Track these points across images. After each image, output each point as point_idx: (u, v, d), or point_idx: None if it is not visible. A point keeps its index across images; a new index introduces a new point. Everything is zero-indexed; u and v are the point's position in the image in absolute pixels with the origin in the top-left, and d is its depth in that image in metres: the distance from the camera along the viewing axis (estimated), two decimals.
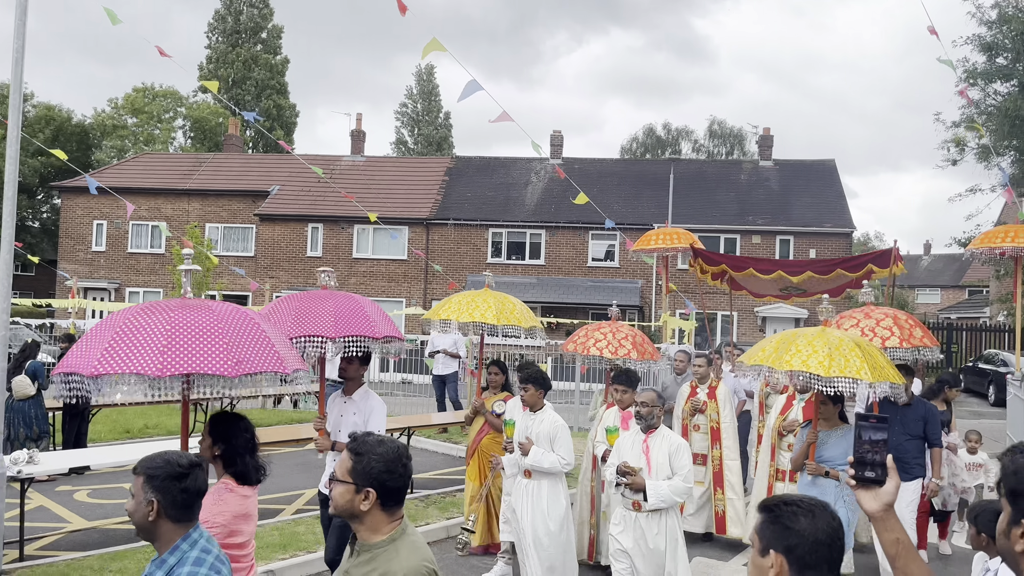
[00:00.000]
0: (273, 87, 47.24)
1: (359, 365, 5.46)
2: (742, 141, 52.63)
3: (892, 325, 6.21)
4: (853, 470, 2.06)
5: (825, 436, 5.77)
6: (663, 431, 5.34)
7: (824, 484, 5.67)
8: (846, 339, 5.19)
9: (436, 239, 30.53)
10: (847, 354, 5.04)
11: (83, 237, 32.91)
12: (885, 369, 5.15)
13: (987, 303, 38.09)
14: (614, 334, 7.34)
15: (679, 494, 5.17)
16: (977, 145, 18.37)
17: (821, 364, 5.02)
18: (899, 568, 2.04)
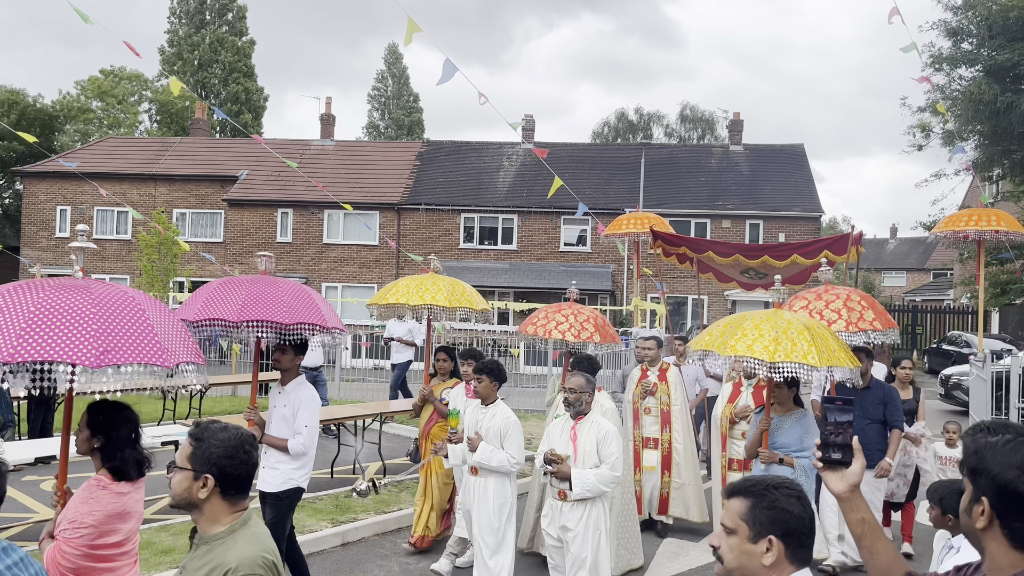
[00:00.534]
0: (240, 70, 46.45)
1: (293, 355, 5.25)
2: (713, 126, 52.89)
3: (841, 307, 5.98)
4: (820, 452, 2.10)
5: (779, 422, 5.60)
6: (593, 418, 5.12)
7: (779, 472, 5.43)
8: (795, 322, 4.99)
9: (407, 224, 30.38)
10: (795, 338, 4.84)
11: (46, 223, 32.27)
12: (836, 353, 4.97)
13: (951, 286, 38.82)
14: (575, 316, 7.11)
15: (606, 483, 4.93)
16: (942, 130, 18.66)
17: (766, 349, 4.81)
18: (865, 547, 2.10)
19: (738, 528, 2.06)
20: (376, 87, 53.28)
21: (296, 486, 5.25)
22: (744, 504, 2.07)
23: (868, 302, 6.18)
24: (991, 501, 1.74)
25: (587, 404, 5.13)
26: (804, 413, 5.59)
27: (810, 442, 5.38)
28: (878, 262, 57.47)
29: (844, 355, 5.03)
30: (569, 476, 4.88)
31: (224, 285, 4.95)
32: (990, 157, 18.79)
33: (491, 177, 31.83)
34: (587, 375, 5.26)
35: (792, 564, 2.03)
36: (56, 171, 31.67)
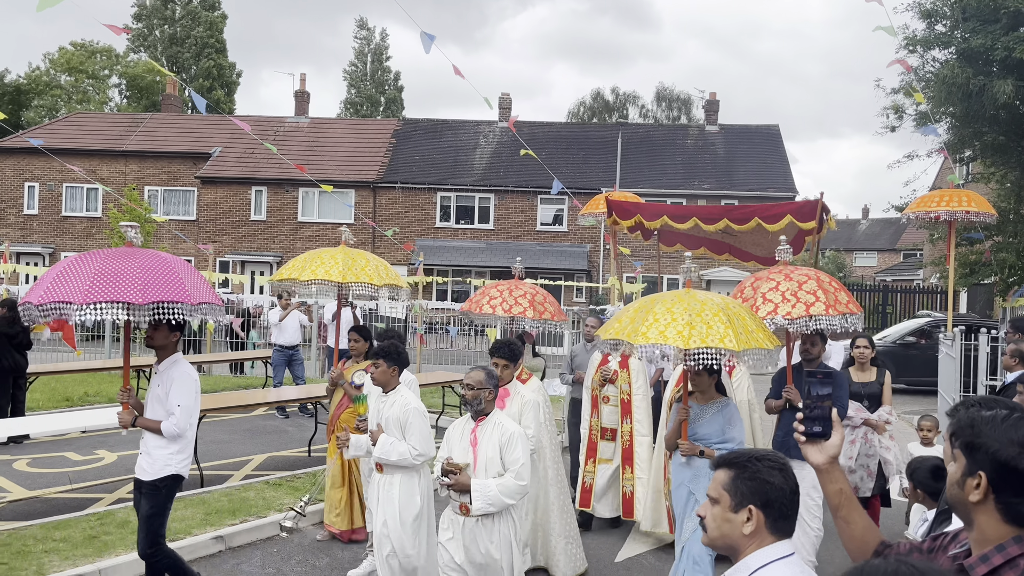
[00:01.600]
0: (212, 45, 45.65)
1: (167, 332, 4.86)
2: (689, 106, 52.99)
3: (816, 289, 5.52)
4: (803, 426, 2.15)
5: (699, 411, 5.14)
6: (496, 418, 4.48)
7: (699, 466, 5.04)
8: (710, 303, 4.58)
9: (383, 203, 30.19)
10: (710, 320, 4.43)
11: (14, 200, 31.65)
12: (754, 334, 4.54)
13: (921, 266, 39.39)
14: (511, 291, 6.80)
15: (510, 494, 4.29)
16: (915, 112, 18.84)
17: (680, 335, 4.38)
18: (842, 517, 2.15)
19: (721, 498, 2.12)
20: (352, 63, 52.66)
21: (173, 473, 4.85)
22: (728, 475, 2.13)
23: (837, 283, 5.80)
24: (989, 476, 1.77)
25: (487, 403, 4.46)
26: (726, 402, 5.17)
27: (733, 433, 5.03)
28: (850, 242, 58.15)
29: (763, 335, 4.64)
30: (468, 488, 4.26)
31: (76, 263, 4.53)
32: (961, 139, 19.00)
33: (467, 156, 31.68)
34: (489, 369, 4.59)
35: (772, 534, 2.07)
36: (24, 147, 31.01)
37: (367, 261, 6.62)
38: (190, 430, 4.94)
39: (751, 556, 2.07)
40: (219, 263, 29.50)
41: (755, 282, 5.71)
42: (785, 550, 2.08)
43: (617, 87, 60.54)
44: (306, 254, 6.74)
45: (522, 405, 5.40)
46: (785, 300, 5.45)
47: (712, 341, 4.33)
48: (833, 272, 44.54)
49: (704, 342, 4.33)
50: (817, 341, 6.08)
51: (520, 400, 5.43)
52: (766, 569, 2.04)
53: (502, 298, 6.78)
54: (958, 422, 1.87)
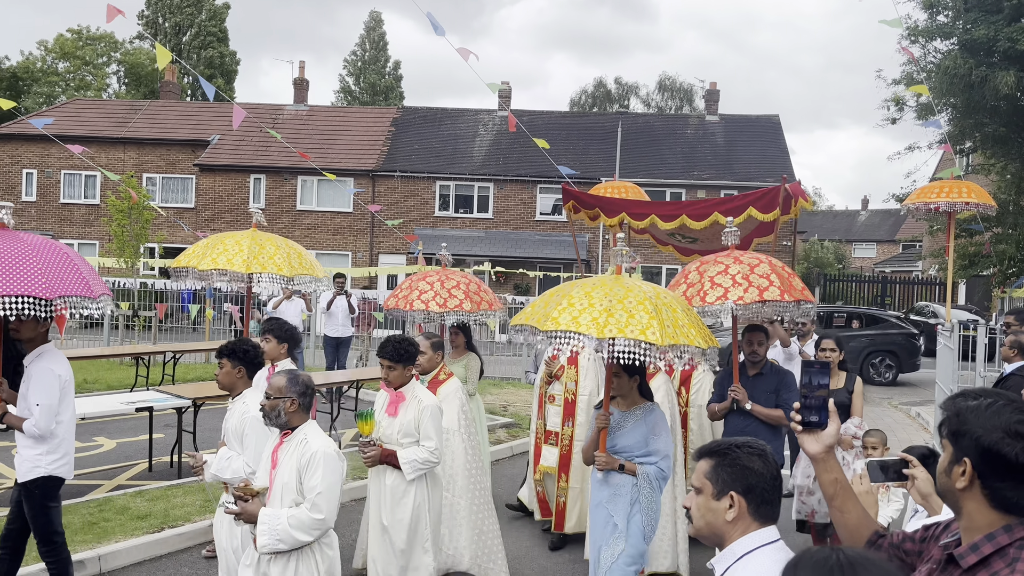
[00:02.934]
0: (215, 34, 45.54)
1: (35, 323, 4.44)
2: (691, 96, 52.86)
3: (769, 272, 4.97)
4: (799, 415, 2.17)
5: (620, 419, 4.48)
6: (304, 432, 3.67)
7: (619, 483, 4.38)
8: (636, 290, 4.04)
9: (382, 191, 30.13)
10: (632, 308, 3.85)
11: (12, 187, 31.56)
12: (684, 329, 3.96)
13: (920, 257, 39.40)
14: (442, 283, 6.17)
15: (303, 529, 3.46)
16: (916, 103, 18.83)
17: (595, 322, 3.80)
18: (836, 507, 2.17)
19: (704, 487, 2.15)
20: (353, 51, 52.45)
21: (44, 475, 4.46)
22: (709, 463, 2.15)
23: (789, 270, 5.28)
24: (973, 462, 1.80)
25: (290, 414, 3.66)
26: (650, 408, 4.51)
27: (658, 444, 4.38)
28: (849, 233, 58.15)
29: (696, 332, 4.03)
30: (256, 519, 3.51)
31: None
32: (962, 130, 19.01)
33: (467, 144, 31.61)
34: (293, 373, 3.79)
35: (756, 520, 2.09)
36: (22, 133, 30.91)
37: (276, 248, 6.00)
38: (60, 429, 4.52)
39: (737, 543, 2.09)
40: None
41: (701, 266, 5.20)
42: (771, 536, 2.09)
43: (620, 76, 60.42)
44: (210, 238, 6.11)
45: (419, 412, 4.65)
46: (736, 284, 4.98)
47: (632, 332, 3.74)
48: (832, 263, 44.50)
49: (622, 331, 3.75)
50: (763, 339, 5.59)
51: (417, 406, 4.68)
52: (753, 555, 2.06)
53: (434, 292, 6.08)
54: (945, 413, 1.90)
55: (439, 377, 5.47)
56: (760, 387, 5.52)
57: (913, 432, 12.10)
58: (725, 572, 2.07)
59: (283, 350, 5.20)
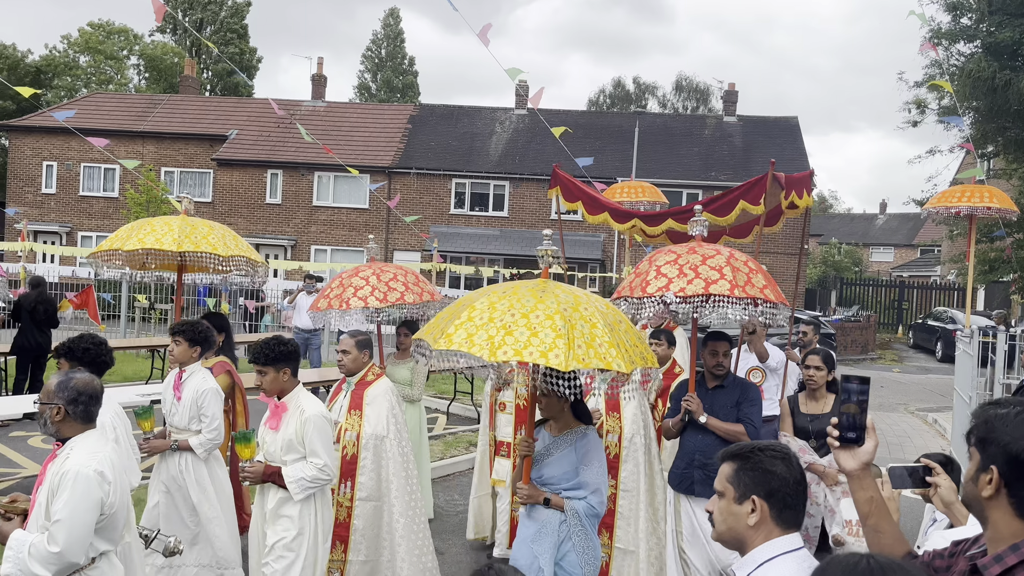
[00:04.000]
0: (236, 31, 45.87)
1: None
2: (707, 97, 52.65)
3: (723, 265, 4.43)
4: (836, 431, 2.13)
5: (550, 445, 3.94)
6: (71, 446, 3.15)
7: (545, 519, 3.82)
8: (550, 300, 3.43)
9: (398, 188, 30.18)
10: (537, 325, 3.30)
11: (32, 179, 31.86)
12: (602, 349, 3.33)
13: (938, 262, 39.05)
14: (378, 276, 5.70)
15: (40, 562, 2.92)
16: (938, 106, 18.66)
17: (490, 341, 3.25)
18: (871, 526, 2.12)
19: (726, 491, 2.13)
20: (370, 48, 52.58)
21: None
22: (731, 467, 2.13)
23: (757, 267, 4.68)
24: (1000, 470, 1.77)
25: (57, 424, 3.17)
26: (583, 433, 3.90)
27: (588, 475, 3.81)
28: (866, 237, 57.71)
29: (619, 353, 3.36)
30: None
31: None
32: (984, 134, 18.81)
33: (483, 142, 31.60)
34: (65, 377, 3.25)
35: (779, 526, 2.06)
36: (42, 126, 31.19)
37: (209, 229, 5.59)
38: None
39: (758, 549, 2.06)
40: None
41: (655, 255, 4.76)
42: (794, 543, 2.06)
43: (639, 76, 60.27)
44: (138, 221, 5.70)
45: (301, 424, 4.14)
46: (682, 274, 4.43)
47: (531, 354, 3.18)
48: (848, 267, 44.13)
49: (518, 353, 3.20)
50: (727, 348, 4.96)
51: (299, 417, 4.16)
52: (774, 562, 2.02)
53: (371, 287, 5.64)
54: (974, 421, 1.87)
55: (367, 378, 4.97)
56: (720, 400, 4.89)
57: (930, 438, 11.98)
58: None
59: (194, 353, 4.80)
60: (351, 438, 4.86)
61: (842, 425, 2.14)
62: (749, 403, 4.86)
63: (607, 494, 3.99)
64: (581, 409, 3.99)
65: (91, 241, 30.94)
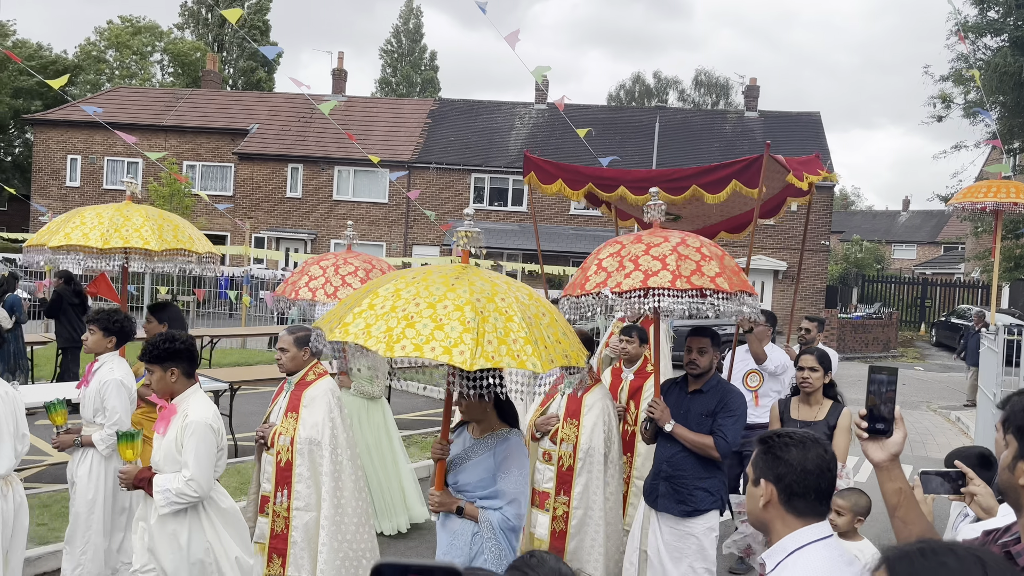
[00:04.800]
0: (258, 27, 46.18)
1: None
2: (728, 92, 52.30)
3: (667, 253, 3.95)
4: (865, 423, 2.12)
5: (468, 450, 3.54)
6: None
7: (458, 530, 3.46)
8: (462, 289, 3.02)
9: (417, 183, 30.24)
10: (444, 317, 2.90)
11: (57, 172, 32.25)
12: (517, 345, 2.92)
13: (962, 259, 38.60)
14: (336, 269, 5.35)
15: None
16: (964, 101, 18.42)
17: (388, 334, 2.85)
18: (899, 517, 2.11)
19: (750, 474, 2.19)
20: (389, 42, 52.68)
21: None
22: (757, 450, 2.19)
23: (712, 252, 4.13)
24: None
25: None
26: (504, 436, 3.50)
27: (505, 483, 3.40)
28: (889, 234, 57.14)
29: (534, 350, 2.95)
30: None
31: None
32: (1011, 129, 18.57)
33: (503, 137, 31.59)
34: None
35: (791, 514, 2.06)
36: (67, 120, 31.55)
37: (144, 219, 5.01)
38: None
39: (787, 538, 2.05)
40: (255, 239, 29.84)
41: (602, 247, 4.34)
42: (823, 531, 2.05)
43: (659, 71, 60.02)
44: (71, 211, 5.21)
45: (181, 431, 3.79)
46: (621, 268, 4.00)
47: (432, 350, 2.79)
48: (870, 264, 43.70)
49: (418, 349, 2.80)
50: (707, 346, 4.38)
51: (181, 423, 3.82)
52: (804, 551, 2.02)
53: (325, 278, 5.34)
54: (1011, 408, 1.85)
55: (307, 378, 4.57)
56: (696, 407, 4.36)
57: (952, 436, 11.86)
58: (776, 567, 2.04)
59: (109, 344, 4.60)
60: (285, 443, 4.43)
61: (870, 416, 2.13)
62: (726, 413, 4.31)
63: (527, 507, 3.53)
64: (507, 410, 3.56)
65: None
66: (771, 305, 28.73)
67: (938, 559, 1.35)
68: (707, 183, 5.66)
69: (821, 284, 28.76)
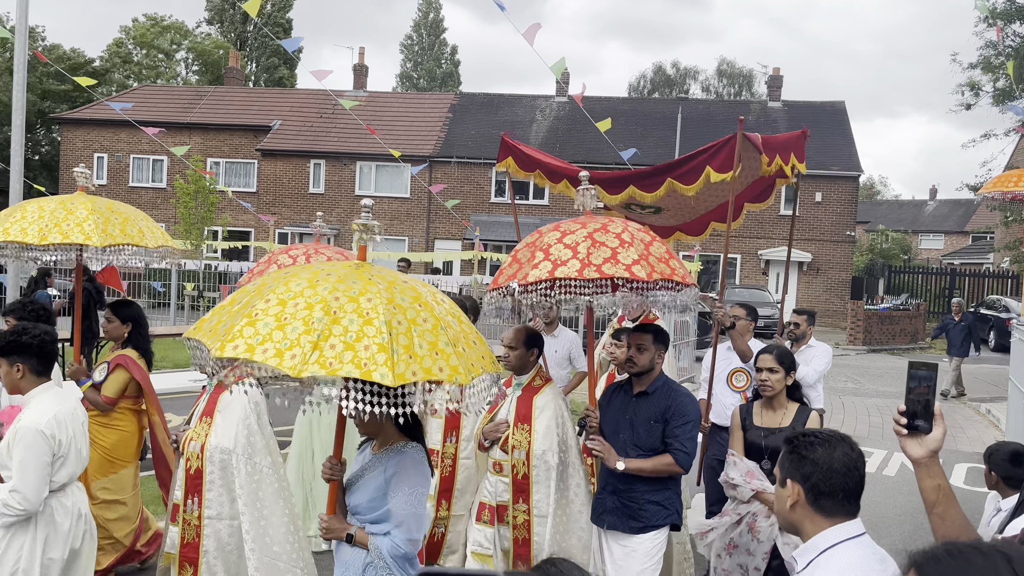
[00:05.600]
0: (281, 24, 46.49)
1: None
2: (751, 82, 51.83)
3: (579, 241, 3.59)
4: (905, 419, 2.10)
5: (364, 467, 3.12)
6: None
7: (348, 560, 3.04)
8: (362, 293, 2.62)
9: (439, 177, 30.30)
10: (295, 315, 2.52)
11: None
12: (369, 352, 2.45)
13: (991, 249, 38.00)
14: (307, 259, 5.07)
15: None
16: (993, 88, 18.10)
17: (272, 343, 2.45)
18: (937, 514, 2.09)
19: (777, 475, 2.21)
20: (409, 36, 52.76)
21: None
22: (783, 450, 2.20)
23: (637, 238, 3.68)
24: None
25: None
26: (400, 450, 3.07)
27: (396, 504, 2.95)
28: (915, 224, 56.41)
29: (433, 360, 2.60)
30: None
31: None
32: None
33: (524, 131, 31.54)
34: None
35: (819, 513, 2.06)
36: (93, 118, 31.94)
37: (89, 212, 4.64)
38: None
39: (819, 536, 2.06)
40: (278, 235, 30.07)
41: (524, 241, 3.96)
42: (855, 529, 2.06)
43: (678, 61, 59.58)
44: (15, 205, 4.97)
45: (12, 435, 3.44)
46: (531, 260, 3.65)
47: (264, 352, 2.42)
48: (897, 255, 43.15)
49: (251, 351, 2.42)
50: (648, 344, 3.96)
51: (14, 427, 3.47)
52: (836, 549, 2.02)
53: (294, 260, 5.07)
54: None
55: None
56: (643, 413, 3.94)
57: (983, 429, 11.70)
58: (807, 566, 2.03)
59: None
60: (195, 449, 4.15)
61: (909, 412, 2.11)
62: (679, 420, 3.86)
63: (426, 529, 3.06)
64: (411, 423, 3.12)
65: None
66: (795, 297, 28.48)
67: (965, 558, 1.39)
68: (681, 174, 5.34)
69: (847, 275, 28.46)
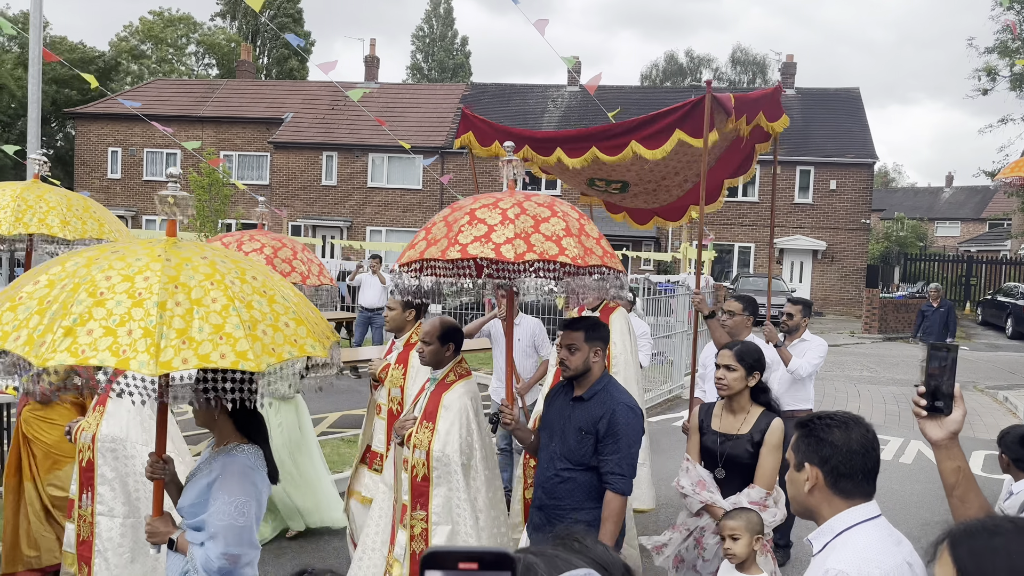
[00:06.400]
0: (291, 16, 46.55)
1: None
2: (764, 69, 51.45)
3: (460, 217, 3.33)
4: (924, 400, 2.07)
5: (200, 465, 2.88)
6: None
7: (171, 567, 2.84)
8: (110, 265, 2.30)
9: (451, 168, 30.27)
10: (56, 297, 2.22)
11: (98, 164, 32.87)
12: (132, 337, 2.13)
13: (1008, 236, 37.62)
14: (239, 246, 4.84)
15: None
16: (1011, 73, 17.87)
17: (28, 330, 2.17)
18: (957, 496, 2.08)
19: (791, 458, 2.19)
20: (420, 28, 52.67)
21: None
22: (796, 435, 2.19)
23: (532, 213, 3.33)
24: None
25: None
26: (230, 451, 2.80)
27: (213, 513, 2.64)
28: (931, 211, 55.89)
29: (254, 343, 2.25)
30: None
31: None
32: None
33: (535, 121, 31.45)
34: None
35: (838, 496, 2.06)
36: (107, 113, 32.10)
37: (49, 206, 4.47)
38: None
39: (835, 519, 2.06)
40: (291, 227, 30.17)
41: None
42: (871, 511, 2.05)
43: (691, 49, 59.19)
44: None
45: None
46: (429, 242, 3.32)
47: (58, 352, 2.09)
48: (913, 242, 42.72)
49: (77, 357, 2.08)
50: (579, 342, 3.45)
51: None
52: (852, 531, 2.02)
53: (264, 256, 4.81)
54: None
55: None
56: (575, 420, 3.44)
57: (1000, 416, 11.61)
58: (824, 548, 2.03)
59: None
60: (86, 440, 3.90)
61: (929, 394, 2.09)
62: (610, 440, 3.31)
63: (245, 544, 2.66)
64: (249, 420, 2.83)
65: (155, 225, 31.83)
66: (810, 286, 28.32)
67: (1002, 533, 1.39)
68: (646, 136, 4.78)
69: (862, 263, 28.25)
